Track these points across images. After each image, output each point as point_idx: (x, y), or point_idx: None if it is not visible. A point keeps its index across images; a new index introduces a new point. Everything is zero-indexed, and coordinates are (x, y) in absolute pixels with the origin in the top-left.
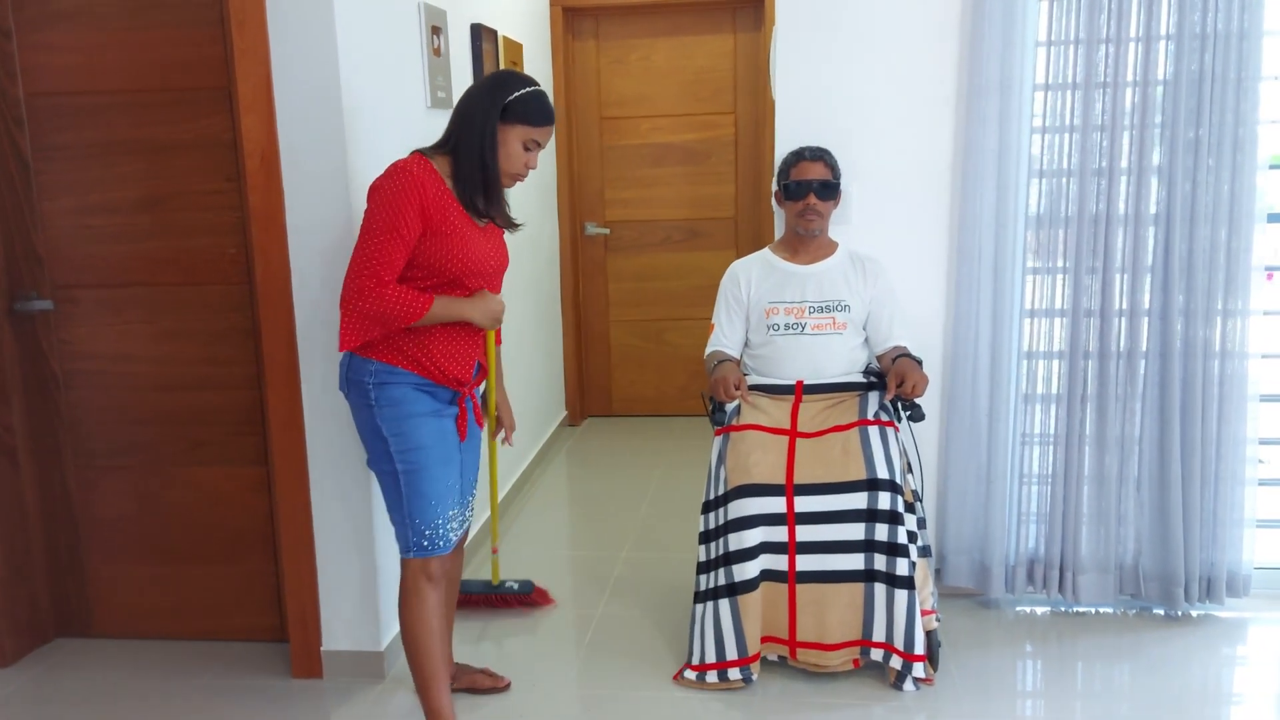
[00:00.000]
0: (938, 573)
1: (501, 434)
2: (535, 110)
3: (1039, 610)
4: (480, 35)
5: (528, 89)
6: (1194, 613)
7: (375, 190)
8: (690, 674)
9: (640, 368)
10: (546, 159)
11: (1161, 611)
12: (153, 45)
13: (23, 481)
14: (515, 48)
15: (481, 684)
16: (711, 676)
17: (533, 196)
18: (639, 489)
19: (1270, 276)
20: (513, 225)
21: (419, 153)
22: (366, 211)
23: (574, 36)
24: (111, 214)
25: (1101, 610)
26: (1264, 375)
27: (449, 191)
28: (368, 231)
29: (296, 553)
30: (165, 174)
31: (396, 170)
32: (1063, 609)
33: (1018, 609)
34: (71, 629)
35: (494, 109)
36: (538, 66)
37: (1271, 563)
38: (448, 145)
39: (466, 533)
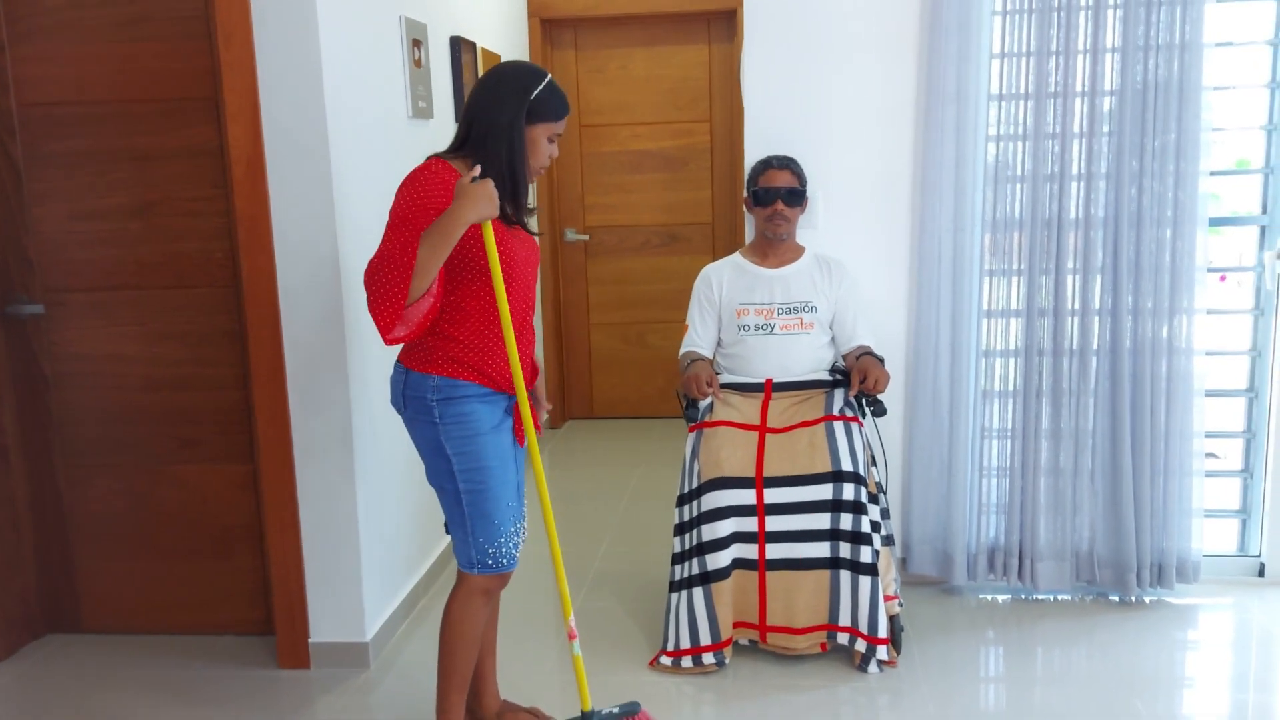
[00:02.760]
0: (903, 561)
1: (545, 416)
2: (557, 104)
3: (1000, 597)
4: (460, 47)
5: (545, 83)
6: (1146, 598)
7: (395, 196)
8: (666, 660)
9: (621, 370)
10: None
11: (1116, 597)
12: (141, 57)
13: (14, 480)
14: (494, 59)
15: None
16: (686, 661)
17: None
18: (619, 488)
19: (1223, 278)
20: (529, 213)
21: (436, 157)
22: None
23: (553, 46)
24: (101, 219)
25: (1059, 597)
26: (1209, 371)
27: None
28: (385, 231)
29: (283, 547)
30: (154, 181)
31: (415, 173)
32: (1022, 596)
33: (979, 596)
34: (62, 624)
35: (519, 113)
36: None
37: (1219, 550)
38: (464, 148)
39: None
